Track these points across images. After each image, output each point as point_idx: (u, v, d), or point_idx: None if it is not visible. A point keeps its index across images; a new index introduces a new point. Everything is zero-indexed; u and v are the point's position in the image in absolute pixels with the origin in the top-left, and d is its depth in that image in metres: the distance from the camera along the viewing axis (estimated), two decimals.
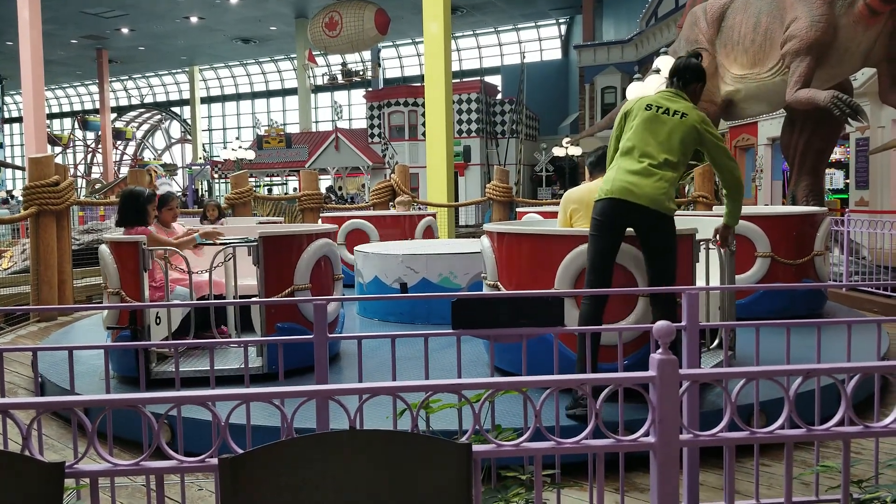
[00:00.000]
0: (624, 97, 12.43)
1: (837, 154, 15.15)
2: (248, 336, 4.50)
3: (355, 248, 7.14)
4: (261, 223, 7.61)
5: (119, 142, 40.53)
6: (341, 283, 5.00)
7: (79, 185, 33.91)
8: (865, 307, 7.35)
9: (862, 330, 4.69)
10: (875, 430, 1.46)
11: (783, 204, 13.76)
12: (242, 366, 4.16)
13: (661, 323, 1.43)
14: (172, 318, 4.40)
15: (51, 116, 46.91)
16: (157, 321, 4.30)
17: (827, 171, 12.28)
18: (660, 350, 1.38)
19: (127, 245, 4.31)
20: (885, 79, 9.17)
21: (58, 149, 40.71)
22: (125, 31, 33.81)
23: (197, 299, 4.58)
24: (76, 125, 41.82)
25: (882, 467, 2.15)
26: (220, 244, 4.55)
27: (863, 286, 7.72)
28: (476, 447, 1.34)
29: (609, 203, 3.44)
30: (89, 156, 41.69)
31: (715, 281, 4.21)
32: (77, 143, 41.84)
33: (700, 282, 4.00)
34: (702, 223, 4.52)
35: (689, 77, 3.69)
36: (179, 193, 34.50)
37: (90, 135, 41.71)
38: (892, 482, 1.78)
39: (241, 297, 4.99)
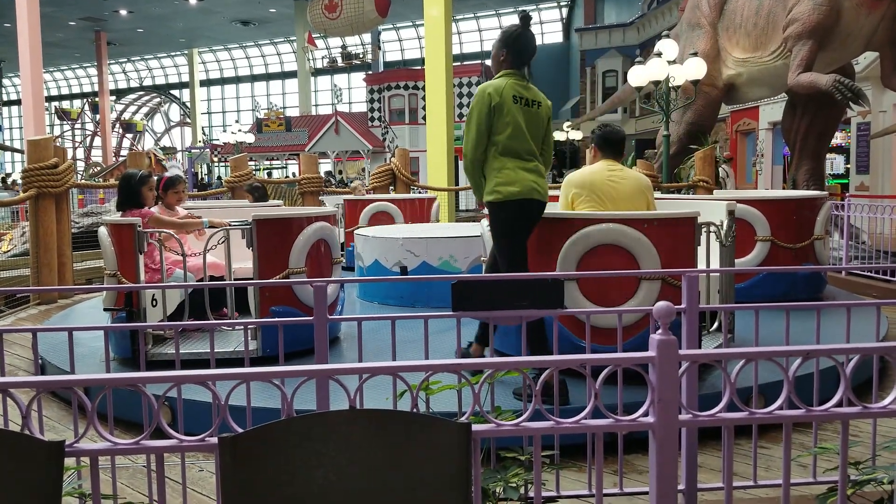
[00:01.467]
0: (625, 80, 12.38)
1: (838, 139, 15.10)
2: (245, 319, 4.51)
3: (355, 231, 7.15)
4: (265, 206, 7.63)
5: (129, 134, 40.31)
6: (340, 266, 4.99)
7: (78, 169, 33.79)
8: (864, 291, 7.36)
9: (861, 313, 4.70)
10: (874, 411, 1.46)
11: (783, 188, 13.73)
12: (238, 349, 4.23)
13: (661, 304, 1.43)
14: (171, 301, 4.40)
15: (49, 99, 46.70)
16: (154, 303, 4.30)
17: (827, 155, 12.25)
18: (659, 331, 1.38)
19: (124, 227, 4.31)
20: (887, 63, 9.12)
21: (66, 126, 40.61)
22: (123, 13, 33.57)
23: (196, 282, 4.59)
24: (86, 108, 41.59)
25: (879, 449, 2.15)
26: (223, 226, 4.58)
27: (861, 269, 7.73)
28: (475, 426, 1.35)
29: (523, 204, 3.54)
30: (88, 139, 41.51)
31: (715, 265, 4.21)
32: (87, 123, 41.59)
33: (701, 265, 4.00)
34: (703, 207, 4.51)
35: (527, 59, 3.66)
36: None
37: (73, 122, 41.54)
38: (889, 464, 1.79)
39: (238, 279, 4.99)
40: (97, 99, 40.01)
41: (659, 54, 9.25)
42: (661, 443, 1.36)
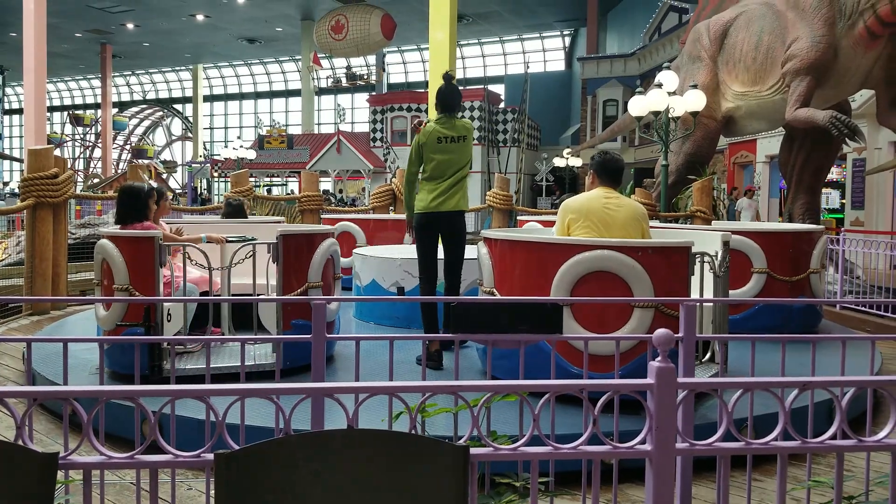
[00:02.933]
0: (625, 110, 12.49)
1: (834, 174, 15.23)
2: (245, 334, 4.50)
3: (354, 250, 7.15)
4: (266, 223, 7.64)
5: (141, 160, 40.47)
6: (340, 282, 5.03)
7: (76, 181, 33.83)
8: (859, 326, 7.37)
9: (856, 347, 4.70)
10: (868, 444, 1.46)
11: (780, 221, 13.81)
12: (259, 362, 4.30)
13: (661, 331, 1.44)
14: (179, 316, 4.43)
15: (51, 109, 46.88)
16: (169, 318, 4.29)
17: (823, 190, 12.35)
18: (658, 358, 1.38)
19: (138, 240, 4.24)
20: (883, 101, 9.23)
21: (77, 133, 40.82)
22: (130, 26, 33.84)
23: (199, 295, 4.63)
24: (68, 121, 41.75)
25: (872, 484, 2.15)
26: (238, 241, 4.65)
27: (856, 304, 7.75)
28: (473, 450, 1.34)
29: (428, 215, 4.83)
30: (87, 150, 41.59)
31: (708, 295, 4.23)
32: (67, 138, 41.70)
33: (694, 295, 4.01)
34: (701, 237, 4.53)
35: (451, 105, 4.87)
36: (179, 190, 34.47)
37: (83, 130, 41.64)
38: (883, 499, 1.79)
39: (235, 295, 5.00)
40: (79, 112, 40.24)
41: (659, 85, 9.34)
42: (659, 471, 1.36)
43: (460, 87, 5.27)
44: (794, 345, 2.77)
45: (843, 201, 15.44)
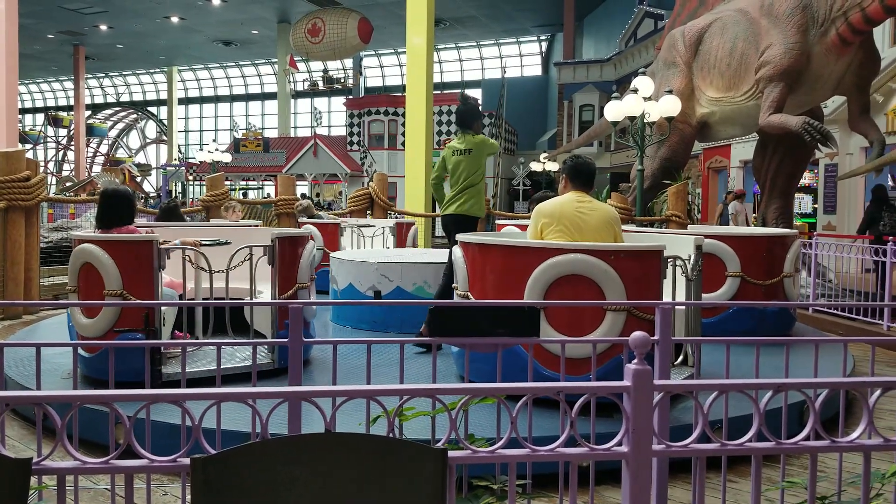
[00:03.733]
0: (601, 115, 12.60)
1: (806, 179, 15.47)
2: (221, 337, 4.48)
3: (331, 254, 7.14)
4: (241, 226, 7.60)
5: (92, 138, 39.94)
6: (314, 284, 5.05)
7: (49, 183, 33.30)
8: (831, 329, 7.49)
9: (828, 349, 4.78)
10: (841, 445, 1.49)
11: (753, 225, 14.00)
12: (242, 365, 4.35)
13: (637, 334, 1.45)
14: (168, 320, 4.44)
15: (23, 111, 46.14)
16: (163, 322, 4.30)
17: (796, 195, 12.54)
18: (635, 360, 1.39)
19: (134, 244, 4.18)
20: (854, 107, 9.40)
21: (27, 145, 40.04)
22: (104, 28, 33.42)
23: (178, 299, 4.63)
24: (47, 122, 41.12)
25: (845, 484, 2.19)
26: (213, 245, 4.69)
27: (828, 307, 7.87)
28: (451, 453, 1.35)
29: (446, 216, 5.63)
30: (60, 153, 41.00)
31: (680, 298, 4.27)
32: (48, 140, 41.11)
33: (667, 298, 4.05)
34: (675, 241, 4.58)
35: (466, 122, 5.60)
36: (154, 194, 34.07)
37: (62, 132, 41.07)
38: (855, 499, 1.82)
39: (219, 299, 4.98)
40: (58, 114, 39.65)
41: (635, 91, 9.43)
42: (635, 472, 1.37)
43: (436, 92, 5.49)
44: (768, 347, 2.81)
45: (816, 206, 15.70)
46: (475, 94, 34.22)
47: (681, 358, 4.35)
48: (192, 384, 4.05)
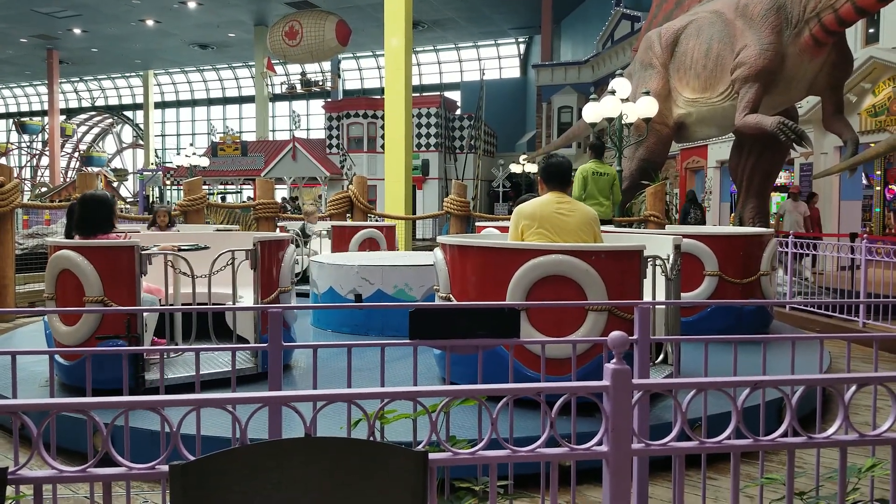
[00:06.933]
0: (580, 116, 12.67)
1: (782, 178, 15.65)
2: (204, 343, 4.45)
3: (311, 258, 7.10)
4: (218, 230, 7.55)
5: (91, 167, 39.34)
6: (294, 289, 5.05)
7: (23, 189, 32.80)
8: (807, 326, 7.58)
9: (805, 347, 4.84)
10: (818, 441, 1.51)
11: (731, 224, 14.14)
12: (228, 369, 4.30)
13: (616, 333, 1.46)
14: (149, 325, 4.40)
15: None
16: (145, 328, 4.26)
17: (772, 194, 12.66)
18: (614, 360, 1.40)
19: (114, 250, 4.12)
20: (828, 106, 9.55)
21: (23, 140, 39.63)
22: (78, 31, 33.01)
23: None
24: (13, 128, 40.54)
25: (822, 479, 2.21)
26: (191, 250, 4.63)
27: (804, 305, 7.98)
28: (432, 455, 1.34)
29: None
30: (34, 159, 40.41)
31: (660, 297, 4.30)
32: (12, 147, 40.47)
33: (647, 297, 4.08)
34: (653, 241, 4.61)
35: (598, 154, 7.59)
36: (130, 199, 33.68)
37: (26, 138, 40.50)
38: (833, 494, 1.85)
39: (200, 303, 4.96)
40: (25, 119, 39.11)
41: (613, 92, 9.50)
42: (615, 471, 1.38)
43: (415, 95, 5.40)
44: (746, 345, 2.84)
45: None
46: (454, 96, 34.31)
47: (661, 356, 4.38)
48: (175, 390, 4.03)
